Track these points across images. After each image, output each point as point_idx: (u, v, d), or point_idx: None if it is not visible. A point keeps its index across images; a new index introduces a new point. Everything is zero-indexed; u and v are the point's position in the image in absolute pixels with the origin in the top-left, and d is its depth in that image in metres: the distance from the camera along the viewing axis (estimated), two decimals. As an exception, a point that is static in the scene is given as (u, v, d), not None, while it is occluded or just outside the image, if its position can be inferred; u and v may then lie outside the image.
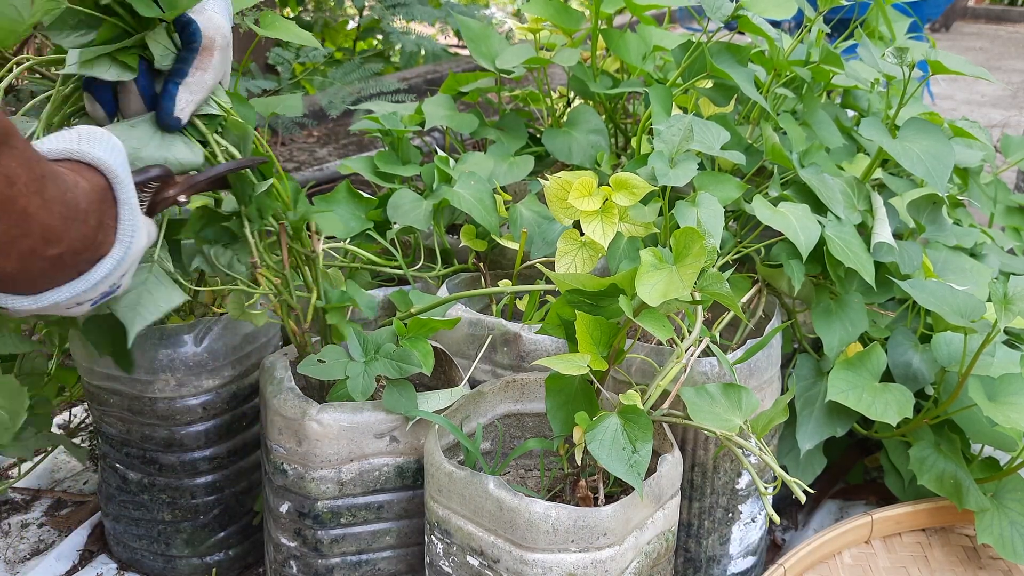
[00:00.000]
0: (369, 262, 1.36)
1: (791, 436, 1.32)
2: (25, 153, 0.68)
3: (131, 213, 0.81)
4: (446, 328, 1.15)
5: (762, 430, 1.02)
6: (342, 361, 1.09)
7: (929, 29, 6.18)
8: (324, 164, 2.89)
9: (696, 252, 0.96)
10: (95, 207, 0.77)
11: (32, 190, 0.69)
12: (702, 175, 1.21)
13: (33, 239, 0.71)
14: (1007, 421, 1.16)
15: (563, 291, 1.00)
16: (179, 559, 1.32)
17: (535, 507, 0.92)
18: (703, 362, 1.13)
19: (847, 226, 1.28)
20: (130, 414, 1.24)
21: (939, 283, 1.28)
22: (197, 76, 0.94)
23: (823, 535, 1.23)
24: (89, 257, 0.78)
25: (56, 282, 0.77)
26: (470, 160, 1.46)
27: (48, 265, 0.74)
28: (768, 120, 1.37)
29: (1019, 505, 1.24)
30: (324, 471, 1.08)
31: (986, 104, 4.46)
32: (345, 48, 4.01)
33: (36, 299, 0.77)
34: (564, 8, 1.61)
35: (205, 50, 0.93)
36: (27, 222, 0.70)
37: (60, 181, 0.73)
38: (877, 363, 1.29)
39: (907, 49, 1.31)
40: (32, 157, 0.69)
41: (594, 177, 1.18)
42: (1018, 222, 1.78)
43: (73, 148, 0.78)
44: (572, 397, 1.01)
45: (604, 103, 1.61)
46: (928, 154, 1.31)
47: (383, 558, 1.15)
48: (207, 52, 0.93)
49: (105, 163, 0.79)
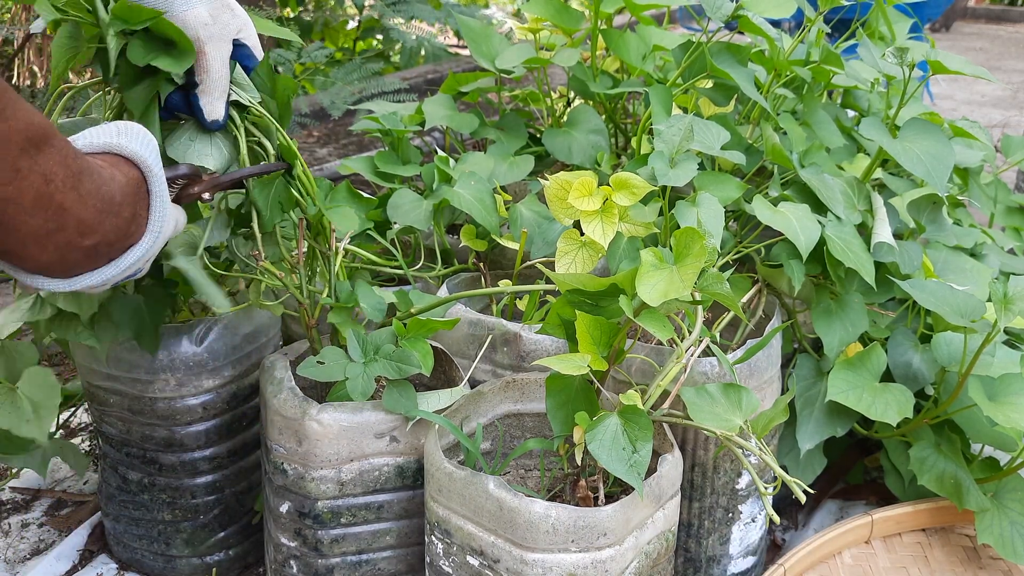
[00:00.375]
0: (369, 262, 1.36)
1: (791, 436, 1.32)
2: (63, 151, 0.73)
3: (162, 205, 0.86)
4: (445, 328, 1.15)
5: (762, 430, 1.02)
6: (341, 362, 1.09)
7: (929, 29, 6.18)
8: (324, 164, 2.89)
9: (696, 252, 0.96)
10: (130, 199, 0.82)
11: (69, 186, 0.74)
12: (702, 175, 1.21)
13: (69, 232, 0.76)
14: (1007, 421, 1.16)
15: (563, 291, 1.00)
16: (179, 559, 1.32)
17: (535, 507, 0.92)
18: (703, 362, 1.13)
19: (847, 226, 1.28)
20: (130, 414, 1.24)
21: (939, 283, 1.28)
22: (204, 78, 0.97)
23: (823, 535, 1.23)
24: (121, 246, 0.83)
25: (89, 268, 0.82)
26: (470, 160, 1.46)
27: (83, 255, 0.79)
28: (768, 120, 1.37)
29: (1019, 505, 1.24)
30: (324, 471, 1.08)
31: (986, 104, 4.46)
32: (345, 48, 4.01)
33: (69, 283, 0.81)
34: (564, 8, 1.61)
35: (198, 54, 0.95)
36: (63, 216, 0.74)
37: (96, 176, 0.77)
38: (877, 363, 1.29)
39: (907, 49, 1.31)
40: (70, 154, 0.74)
41: (594, 177, 1.18)
42: (1018, 222, 1.78)
43: (112, 142, 0.83)
44: (572, 397, 1.01)
45: (604, 103, 1.61)
46: (928, 154, 1.31)
47: (383, 558, 1.15)
48: (200, 54, 0.96)
49: (141, 157, 0.83)
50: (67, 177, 0.73)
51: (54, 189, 0.72)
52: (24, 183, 0.70)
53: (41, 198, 0.72)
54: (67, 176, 0.73)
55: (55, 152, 0.72)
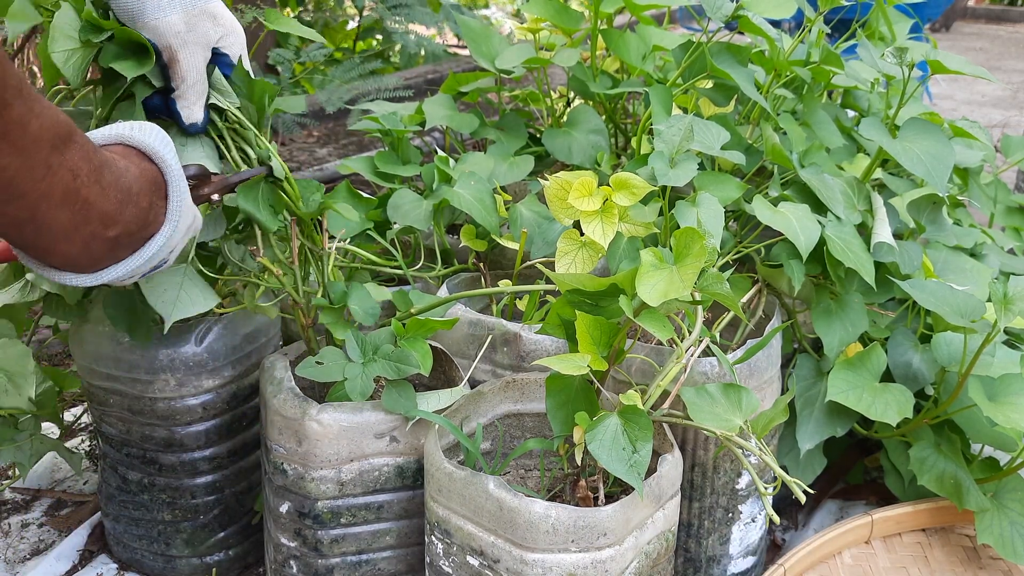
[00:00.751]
0: (369, 262, 1.36)
1: (791, 436, 1.32)
2: (85, 147, 0.75)
3: (179, 195, 0.87)
4: (444, 328, 1.15)
5: (762, 430, 1.02)
6: (340, 363, 1.09)
7: (929, 29, 6.18)
8: (324, 164, 2.89)
9: (696, 252, 0.96)
10: (146, 189, 0.84)
11: (92, 180, 0.76)
12: (702, 175, 1.21)
13: (94, 225, 0.78)
14: (1007, 421, 1.16)
15: (563, 291, 1.00)
16: (179, 559, 1.32)
17: (535, 507, 0.92)
18: (703, 362, 1.13)
19: (847, 226, 1.28)
20: (130, 414, 1.24)
21: (939, 283, 1.28)
22: (180, 84, 0.99)
23: (823, 535, 1.23)
24: (142, 236, 0.85)
25: (113, 260, 0.83)
26: (470, 160, 1.46)
27: (107, 247, 0.81)
28: (768, 120, 1.37)
29: (1019, 505, 1.24)
30: (324, 471, 1.08)
31: (986, 104, 4.46)
32: (345, 48, 4.01)
33: (96, 276, 0.83)
34: (564, 8, 1.61)
35: (171, 61, 0.97)
36: (88, 210, 0.76)
37: (114, 167, 0.79)
38: (877, 363, 1.29)
39: (907, 49, 1.31)
40: (90, 149, 0.76)
41: (594, 177, 1.18)
42: (1018, 222, 1.78)
43: (125, 134, 0.85)
44: (572, 397, 1.01)
45: (604, 103, 1.61)
46: (928, 154, 1.31)
47: (383, 558, 1.15)
48: (172, 62, 0.97)
49: (155, 149, 0.86)
50: (90, 171, 0.75)
51: (80, 184, 0.74)
52: (55, 179, 0.72)
53: (69, 193, 0.74)
54: (90, 170, 0.75)
55: (78, 148, 0.74)
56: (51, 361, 1.90)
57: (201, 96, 1.00)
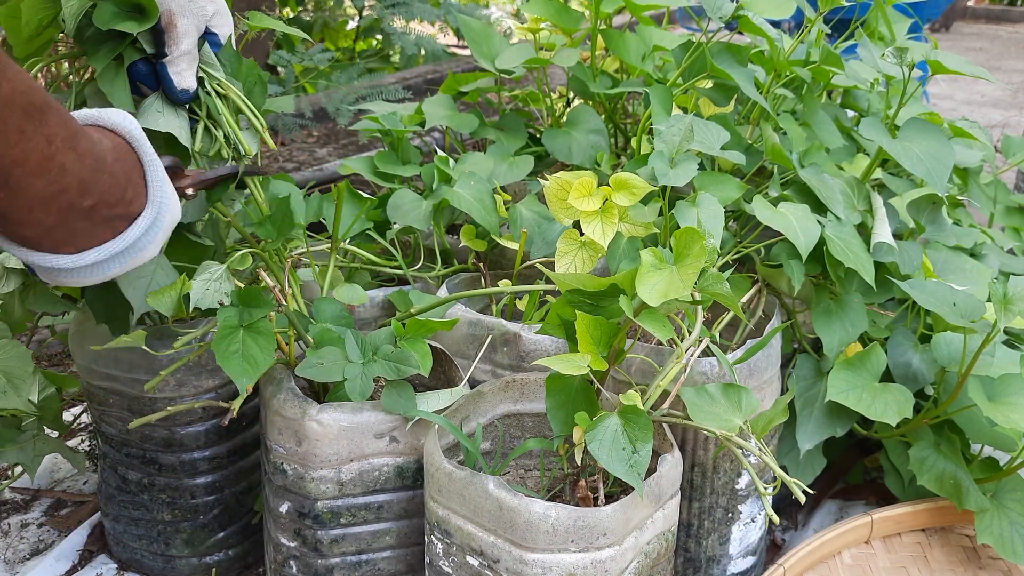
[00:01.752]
0: (369, 262, 1.36)
1: (791, 436, 1.32)
2: (60, 113, 0.74)
3: (158, 172, 0.86)
4: (444, 328, 1.15)
5: (762, 430, 1.02)
6: (340, 363, 1.09)
7: (929, 29, 6.18)
8: (324, 164, 2.88)
9: (696, 252, 0.96)
10: (120, 159, 0.83)
11: (68, 146, 0.75)
12: (702, 175, 1.21)
13: (71, 193, 0.77)
14: (1007, 421, 1.16)
15: (563, 291, 1.00)
16: (179, 559, 1.32)
17: (535, 507, 0.92)
18: (703, 362, 1.13)
19: (847, 226, 1.28)
20: (130, 414, 1.24)
21: (939, 283, 1.28)
22: (174, 49, 0.98)
23: (823, 535, 1.23)
24: (122, 213, 0.83)
25: (95, 238, 0.82)
26: (470, 160, 1.46)
27: (84, 218, 0.79)
28: (768, 120, 1.37)
29: (1019, 505, 1.24)
30: (324, 471, 1.08)
31: (986, 104, 4.46)
32: (345, 48, 4.01)
33: (77, 258, 0.81)
34: (564, 8, 1.61)
35: (168, 25, 0.97)
36: (64, 177, 0.75)
37: (88, 137, 0.79)
38: (877, 363, 1.29)
39: (907, 49, 1.31)
40: (67, 116, 0.76)
41: (594, 177, 1.18)
42: (1018, 222, 1.78)
43: (94, 115, 0.84)
44: (572, 397, 1.01)
45: (604, 103, 1.61)
46: (928, 154, 1.31)
47: (383, 558, 1.15)
48: (170, 26, 0.97)
49: (123, 125, 0.85)
50: (66, 138, 0.75)
51: (55, 150, 0.74)
52: (29, 145, 0.71)
53: (45, 159, 0.73)
54: (66, 136, 0.75)
55: (53, 113, 0.73)
56: (51, 361, 1.90)
57: (193, 63, 1.00)
